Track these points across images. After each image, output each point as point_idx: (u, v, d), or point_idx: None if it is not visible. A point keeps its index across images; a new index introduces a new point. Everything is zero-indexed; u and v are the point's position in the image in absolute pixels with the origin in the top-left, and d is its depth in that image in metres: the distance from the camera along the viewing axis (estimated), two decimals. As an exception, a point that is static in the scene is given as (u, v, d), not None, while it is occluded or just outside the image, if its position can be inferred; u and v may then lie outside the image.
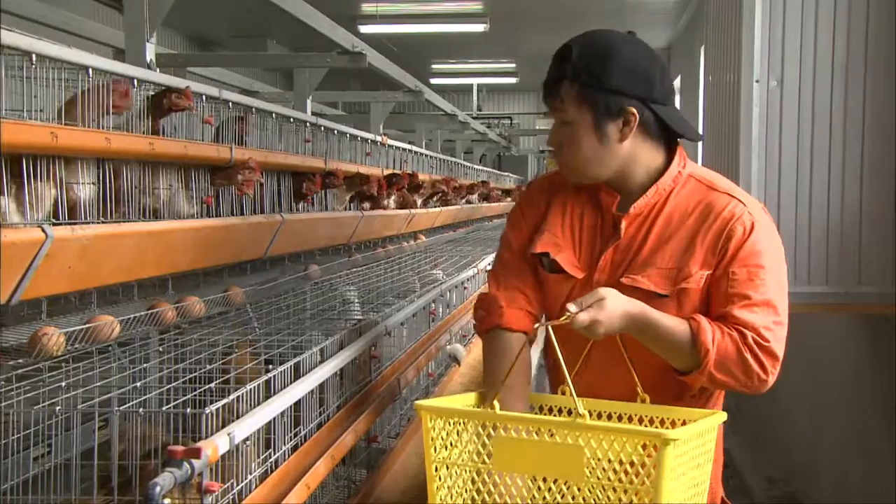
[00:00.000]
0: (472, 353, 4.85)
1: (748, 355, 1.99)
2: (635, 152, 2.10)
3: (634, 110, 2.05)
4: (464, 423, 1.92)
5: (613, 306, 1.95)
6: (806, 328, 4.91)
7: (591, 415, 2.09)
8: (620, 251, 2.13)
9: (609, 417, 2.09)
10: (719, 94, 3.80)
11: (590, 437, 1.78)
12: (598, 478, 1.78)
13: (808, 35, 3.28)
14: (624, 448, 1.76)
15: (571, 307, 1.91)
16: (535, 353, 3.94)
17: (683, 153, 2.17)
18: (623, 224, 2.13)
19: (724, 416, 1.99)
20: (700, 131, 6.82)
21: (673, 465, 1.75)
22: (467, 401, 2.09)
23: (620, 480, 1.76)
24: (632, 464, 1.77)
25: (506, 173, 12.63)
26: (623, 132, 2.07)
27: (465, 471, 1.91)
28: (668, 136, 2.14)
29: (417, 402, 2.00)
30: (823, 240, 3.30)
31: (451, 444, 1.93)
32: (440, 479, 1.93)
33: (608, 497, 1.78)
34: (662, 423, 2.04)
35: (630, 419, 2.07)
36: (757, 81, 3.30)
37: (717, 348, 1.98)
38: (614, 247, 2.13)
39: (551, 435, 1.82)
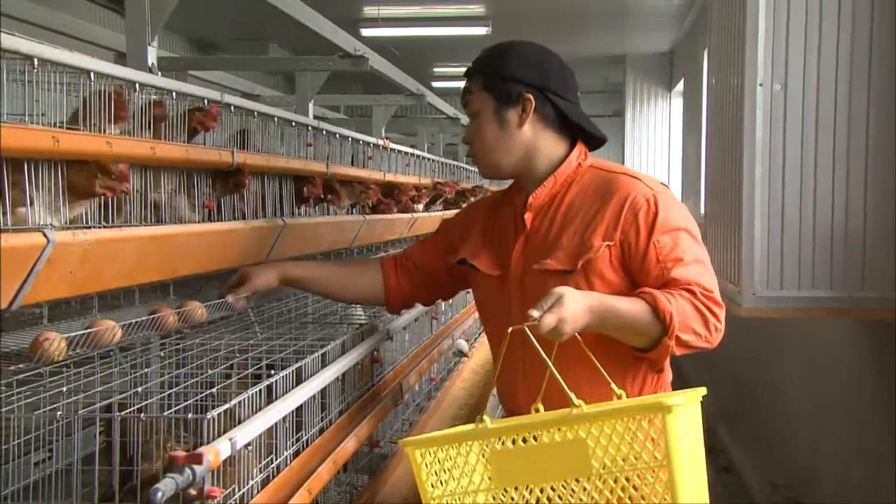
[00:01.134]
0: (472, 358, 4.83)
1: (703, 308, 2.10)
2: (536, 141, 2.30)
3: (531, 96, 2.27)
4: (456, 448, 1.85)
5: (574, 303, 1.99)
6: (808, 332, 4.90)
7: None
8: (531, 242, 2.29)
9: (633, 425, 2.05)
10: (723, 98, 3.79)
11: (590, 427, 1.75)
12: (609, 465, 1.75)
13: (812, 38, 3.27)
14: (623, 439, 1.73)
15: (534, 312, 1.95)
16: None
17: (584, 148, 2.35)
18: (527, 216, 2.30)
19: (703, 390, 1.99)
20: (703, 135, 6.77)
21: (678, 436, 1.73)
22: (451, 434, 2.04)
23: (632, 463, 1.73)
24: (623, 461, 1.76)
25: (507, 177, 12.62)
26: (522, 118, 2.28)
27: (469, 498, 1.84)
28: (573, 134, 2.34)
29: (402, 440, 1.96)
30: (827, 244, 3.29)
31: (448, 475, 1.85)
32: None
33: (620, 488, 1.75)
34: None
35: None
36: (760, 85, 3.29)
37: (676, 310, 2.06)
38: (524, 239, 2.30)
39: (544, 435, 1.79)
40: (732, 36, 3.55)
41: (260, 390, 2.04)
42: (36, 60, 1.77)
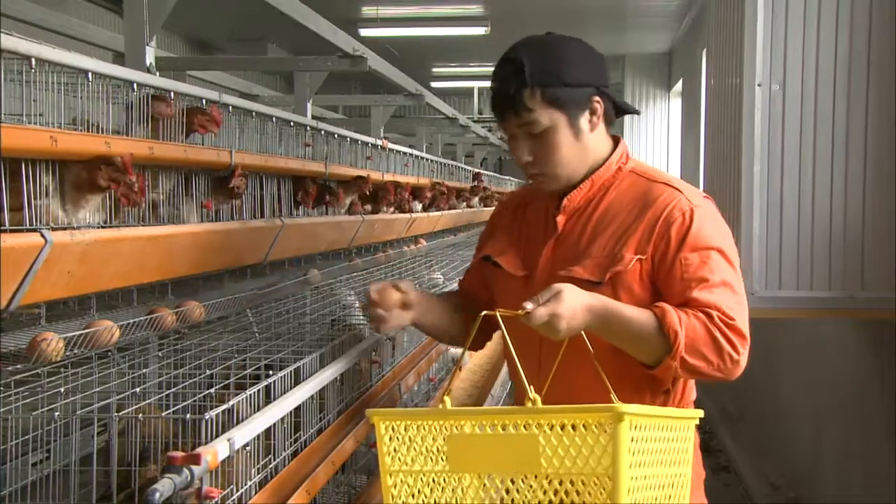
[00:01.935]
0: (472, 359, 4.83)
1: (718, 334, 1.97)
2: (594, 142, 2.17)
3: (598, 98, 2.14)
4: (417, 427, 1.83)
5: (572, 300, 1.92)
6: (808, 333, 4.90)
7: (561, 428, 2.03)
8: (561, 246, 2.16)
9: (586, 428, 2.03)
10: (721, 98, 3.79)
11: (544, 424, 1.71)
12: (556, 465, 1.71)
13: (811, 38, 3.28)
14: (573, 441, 1.71)
15: (528, 304, 1.89)
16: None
17: (626, 149, 2.22)
18: (560, 219, 2.17)
19: (699, 412, 1.93)
20: (701, 135, 6.77)
21: (631, 448, 1.68)
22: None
23: (579, 468, 1.70)
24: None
25: (507, 177, 12.63)
26: (592, 122, 2.15)
27: (424, 478, 1.83)
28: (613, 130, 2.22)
29: (368, 409, 1.95)
30: (826, 244, 3.29)
31: (408, 451, 1.84)
32: (396, 489, 1.86)
33: (567, 487, 1.72)
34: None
35: None
36: (759, 85, 3.29)
37: (685, 330, 1.95)
38: (554, 242, 2.17)
39: (504, 428, 1.76)
40: (731, 36, 3.56)
41: (258, 391, 2.03)
42: (34, 60, 1.77)
